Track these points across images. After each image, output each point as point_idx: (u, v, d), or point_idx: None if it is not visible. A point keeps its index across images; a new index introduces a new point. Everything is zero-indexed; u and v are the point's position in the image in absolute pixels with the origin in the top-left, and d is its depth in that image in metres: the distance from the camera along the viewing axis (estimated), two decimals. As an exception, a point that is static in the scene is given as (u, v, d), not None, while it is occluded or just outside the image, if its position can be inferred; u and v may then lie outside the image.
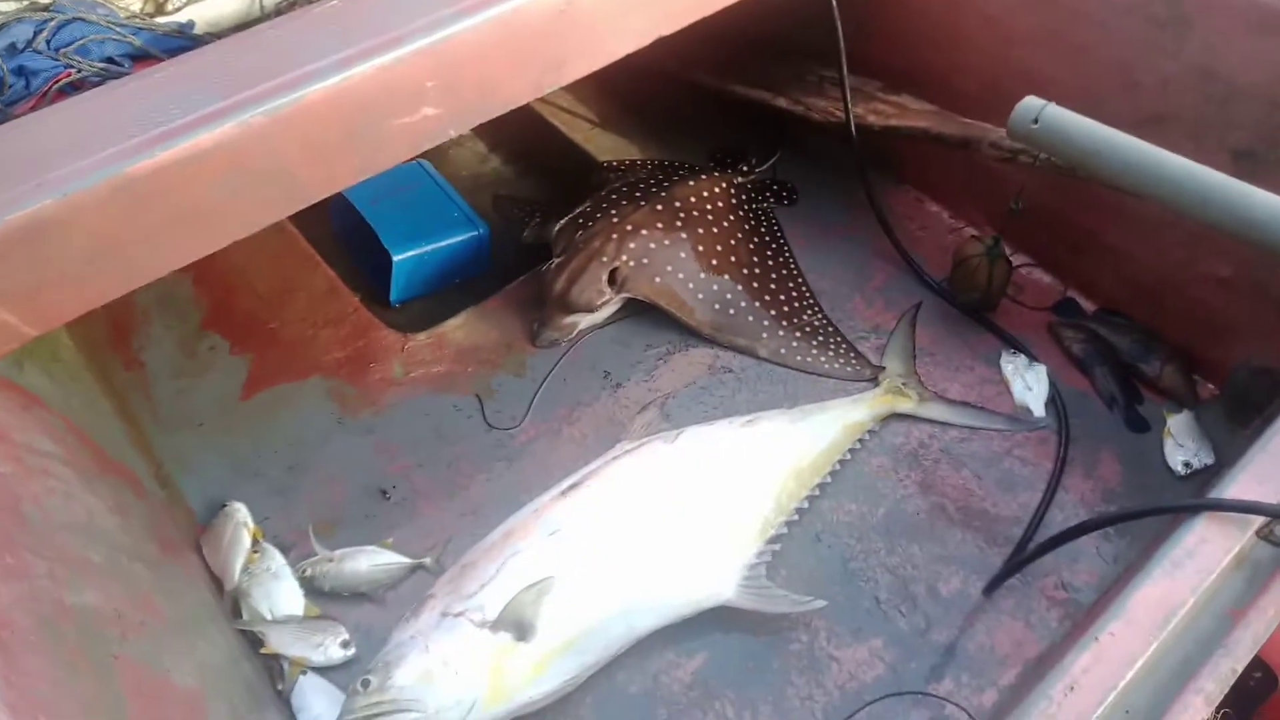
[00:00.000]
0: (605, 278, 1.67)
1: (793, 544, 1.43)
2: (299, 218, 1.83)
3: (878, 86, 1.81)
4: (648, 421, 1.53)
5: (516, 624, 1.22)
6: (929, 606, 1.38)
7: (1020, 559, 1.31)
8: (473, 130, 1.28)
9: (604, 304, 1.70)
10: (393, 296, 1.79)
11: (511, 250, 1.86)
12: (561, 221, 1.77)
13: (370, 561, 1.35)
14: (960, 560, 1.43)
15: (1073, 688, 0.90)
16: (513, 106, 1.17)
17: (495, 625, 1.22)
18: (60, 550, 0.95)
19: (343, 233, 1.91)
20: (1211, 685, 0.94)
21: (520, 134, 2.12)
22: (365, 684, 1.16)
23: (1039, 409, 1.59)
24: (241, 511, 1.38)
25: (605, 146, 2.15)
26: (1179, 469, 1.50)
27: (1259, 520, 0.93)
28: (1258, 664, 1.01)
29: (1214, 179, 1.13)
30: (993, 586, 1.36)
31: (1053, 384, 1.62)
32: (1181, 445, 1.52)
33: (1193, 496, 1.12)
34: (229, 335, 1.65)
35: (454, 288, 1.85)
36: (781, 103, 1.85)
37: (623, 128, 2.20)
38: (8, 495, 0.94)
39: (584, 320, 1.72)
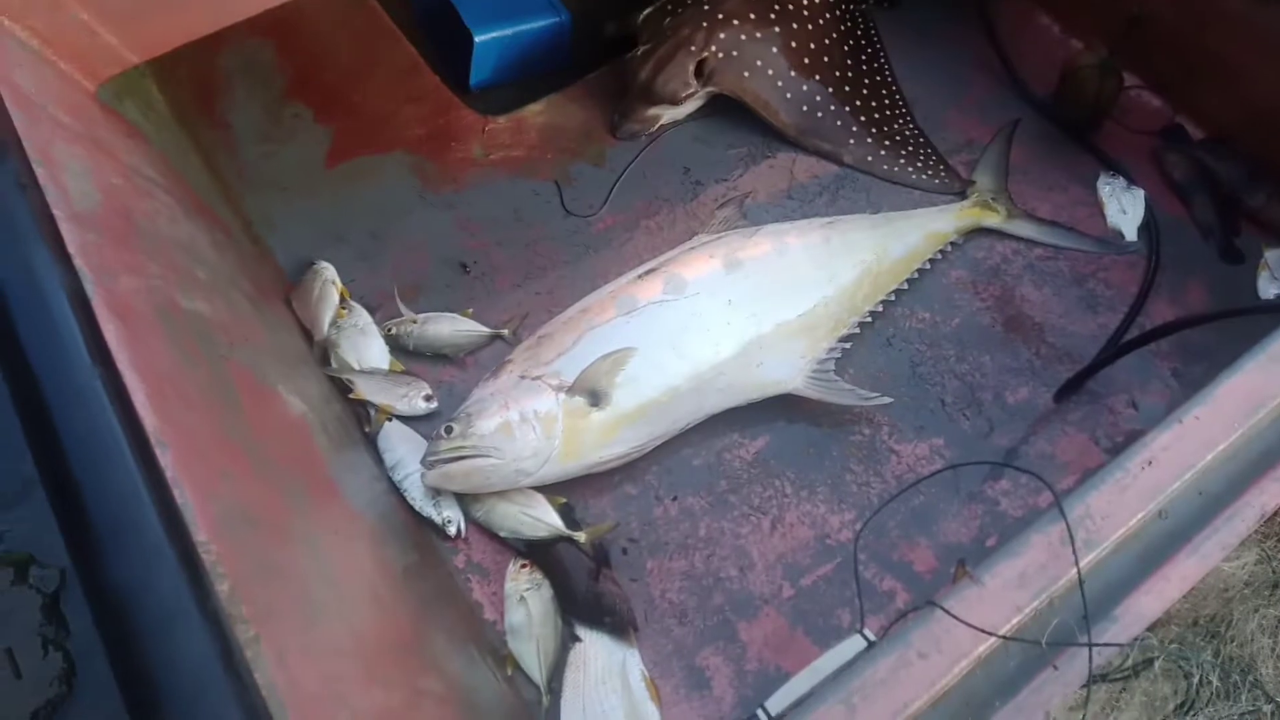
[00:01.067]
0: (693, 68, 1.61)
1: (863, 344, 1.44)
2: (380, -5, 1.81)
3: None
4: (726, 217, 1.51)
5: (591, 390, 1.25)
6: (994, 412, 1.39)
7: (1099, 361, 1.30)
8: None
9: (689, 96, 1.64)
10: (471, 80, 1.75)
11: (591, 47, 1.79)
12: (649, 9, 1.69)
13: (452, 326, 1.39)
14: (1031, 373, 1.43)
15: (1150, 462, 0.91)
16: None
17: (571, 390, 1.26)
18: (169, 261, 0.99)
19: (423, 13, 1.86)
20: (1291, 475, 0.95)
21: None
22: (448, 430, 1.23)
23: (1131, 234, 1.54)
24: (329, 270, 1.41)
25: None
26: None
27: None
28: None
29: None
30: (1065, 392, 1.36)
31: (1149, 209, 1.56)
32: (1277, 279, 1.47)
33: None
34: (312, 105, 1.65)
35: (533, 80, 1.80)
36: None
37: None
38: (119, 203, 0.96)
39: (666, 113, 1.67)
